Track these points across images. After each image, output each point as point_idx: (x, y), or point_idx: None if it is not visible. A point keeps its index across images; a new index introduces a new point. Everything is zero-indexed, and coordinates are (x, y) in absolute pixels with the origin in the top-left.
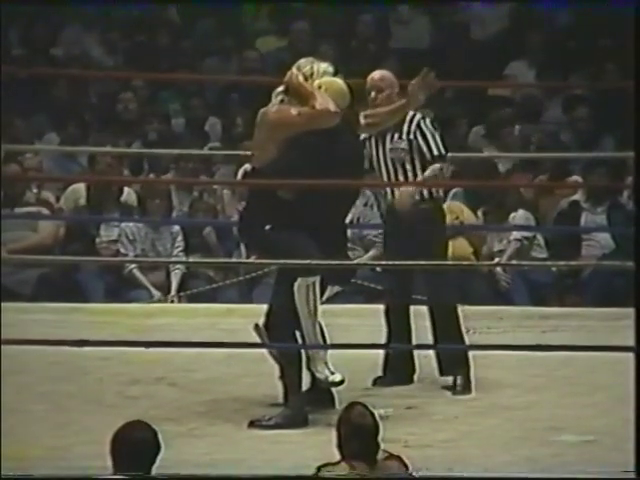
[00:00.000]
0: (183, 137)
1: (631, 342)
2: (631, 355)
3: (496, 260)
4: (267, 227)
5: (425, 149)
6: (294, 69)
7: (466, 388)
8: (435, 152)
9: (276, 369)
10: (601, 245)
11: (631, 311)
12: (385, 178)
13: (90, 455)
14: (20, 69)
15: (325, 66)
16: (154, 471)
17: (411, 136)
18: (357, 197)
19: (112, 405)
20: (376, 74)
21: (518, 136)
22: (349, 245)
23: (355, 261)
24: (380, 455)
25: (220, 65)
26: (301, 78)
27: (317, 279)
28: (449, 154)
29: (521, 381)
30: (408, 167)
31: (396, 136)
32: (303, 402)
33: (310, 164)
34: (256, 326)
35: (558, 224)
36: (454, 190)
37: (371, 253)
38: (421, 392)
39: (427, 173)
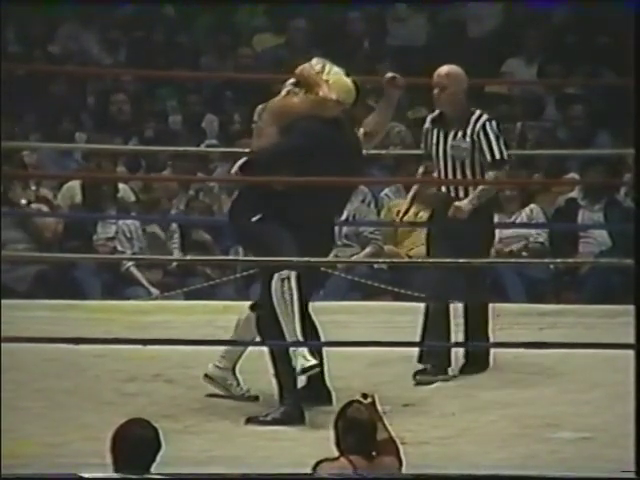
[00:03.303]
0: (180, 134)
1: (629, 339)
2: (628, 352)
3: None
4: (255, 217)
5: (487, 151)
6: (307, 66)
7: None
8: (497, 155)
9: (270, 366)
10: (598, 242)
11: (628, 308)
12: (442, 173)
13: (87, 452)
14: (18, 66)
15: (336, 69)
16: (153, 469)
17: (475, 137)
18: (351, 192)
19: (109, 402)
20: (443, 69)
21: (515, 133)
22: (338, 241)
23: (353, 258)
24: (379, 436)
25: (217, 62)
26: (312, 70)
27: (292, 273)
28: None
29: (518, 378)
30: (468, 168)
31: (460, 134)
32: (298, 398)
33: (307, 149)
34: (205, 376)
35: (555, 221)
36: None
37: (367, 250)
38: (418, 389)
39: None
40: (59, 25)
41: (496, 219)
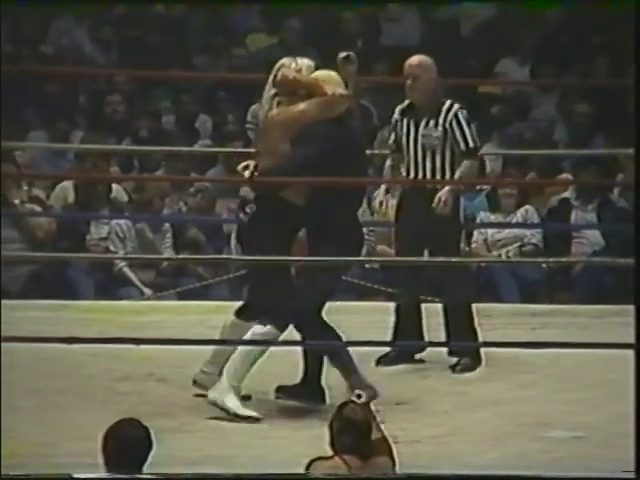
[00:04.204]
0: (173, 134)
1: (623, 339)
2: (621, 352)
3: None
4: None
5: (461, 140)
6: (282, 69)
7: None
8: (471, 144)
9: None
10: (591, 242)
11: (622, 308)
12: (412, 162)
13: (80, 451)
14: (16, 67)
15: (307, 61)
16: (145, 468)
17: (447, 125)
18: (365, 192)
19: (102, 401)
20: (414, 59)
21: (509, 133)
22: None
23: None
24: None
25: (211, 62)
26: (295, 74)
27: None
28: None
29: (510, 377)
30: (438, 156)
31: (431, 123)
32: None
33: (325, 155)
34: (194, 382)
35: (548, 221)
36: None
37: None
38: (410, 388)
39: (461, 170)
40: (52, 24)
41: (492, 219)
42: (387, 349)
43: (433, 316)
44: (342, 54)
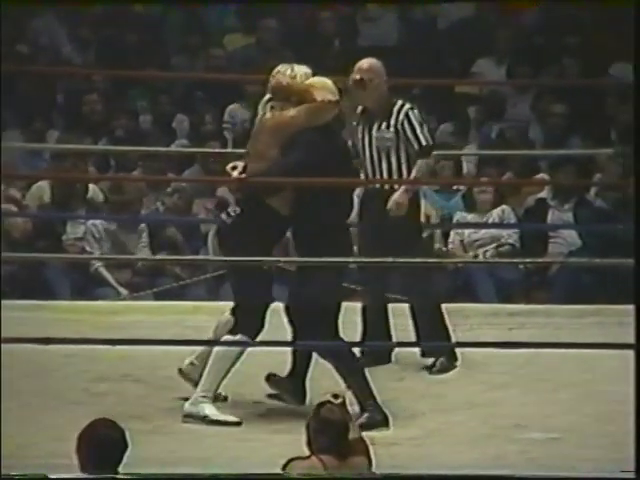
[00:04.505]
0: (150, 134)
1: (599, 339)
2: (595, 352)
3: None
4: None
5: (413, 140)
6: (277, 75)
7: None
8: (424, 142)
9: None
10: (567, 242)
11: (597, 308)
12: (369, 166)
13: (55, 453)
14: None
15: (304, 68)
16: (120, 469)
17: (399, 126)
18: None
19: (78, 402)
20: (364, 63)
21: (485, 134)
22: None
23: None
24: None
25: (188, 62)
26: (289, 80)
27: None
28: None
29: (487, 378)
30: (393, 157)
31: (383, 125)
32: (378, 403)
33: (315, 162)
34: (179, 370)
35: (525, 221)
36: (421, 189)
37: None
38: (387, 390)
39: (417, 169)
40: (29, 23)
41: (469, 219)
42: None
43: (403, 317)
44: (356, 76)
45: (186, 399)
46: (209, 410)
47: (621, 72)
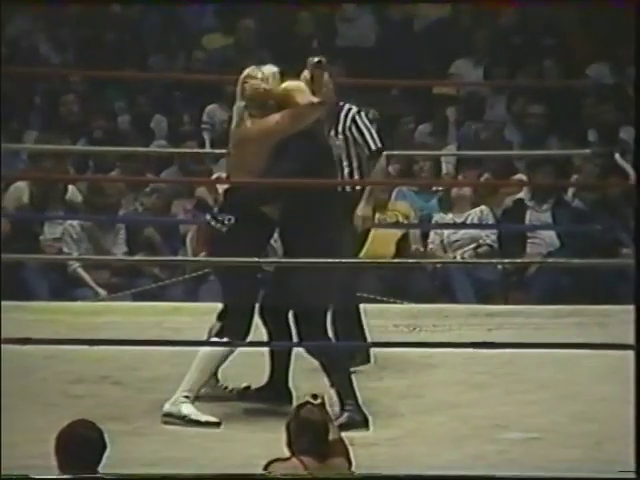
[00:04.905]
0: (129, 135)
1: (578, 339)
2: (573, 352)
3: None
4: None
5: (363, 144)
6: (250, 81)
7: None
8: (372, 146)
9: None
10: (546, 243)
11: (575, 308)
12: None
13: (34, 454)
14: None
15: (271, 67)
16: (100, 470)
17: (347, 132)
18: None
19: (56, 404)
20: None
21: (463, 134)
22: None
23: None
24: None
25: (166, 63)
26: (264, 85)
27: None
28: (391, 152)
29: (466, 379)
30: (345, 163)
31: (332, 133)
32: (358, 403)
33: (305, 168)
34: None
35: (503, 222)
36: (400, 189)
37: None
38: (365, 390)
39: (373, 175)
40: (6, 23)
41: (449, 219)
42: None
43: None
44: (314, 59)
45: (166, 400)
46: (188, 410)
47: (598, 73)
